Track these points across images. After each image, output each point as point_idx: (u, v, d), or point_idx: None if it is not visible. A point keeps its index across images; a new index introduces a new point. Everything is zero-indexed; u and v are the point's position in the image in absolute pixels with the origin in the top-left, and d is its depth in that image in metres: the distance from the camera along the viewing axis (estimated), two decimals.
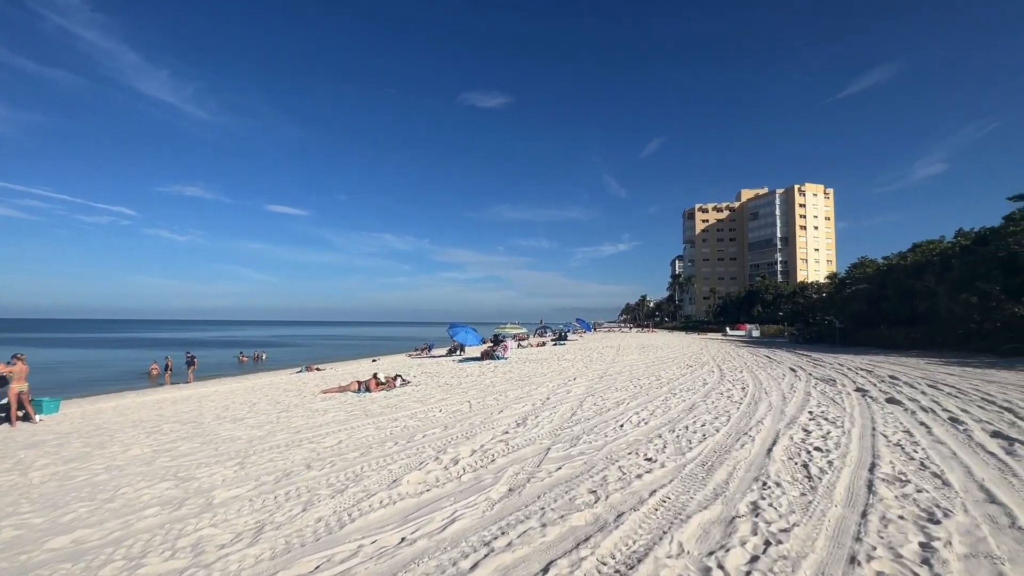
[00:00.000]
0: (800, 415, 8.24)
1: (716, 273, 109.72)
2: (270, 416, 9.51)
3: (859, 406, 9.21)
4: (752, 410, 8.73)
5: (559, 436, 6.68)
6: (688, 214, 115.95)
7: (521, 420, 7.92)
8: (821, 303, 52.02)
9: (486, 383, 13.62)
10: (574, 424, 7.53)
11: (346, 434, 7.29)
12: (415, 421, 8.18)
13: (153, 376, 26.42)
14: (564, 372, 16.19)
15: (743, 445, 6.17)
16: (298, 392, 13.67)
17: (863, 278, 41.36)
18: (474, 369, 18.87)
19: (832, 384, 12.37)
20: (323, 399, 11.76)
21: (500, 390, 12.00)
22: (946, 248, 31.08)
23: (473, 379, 15.18)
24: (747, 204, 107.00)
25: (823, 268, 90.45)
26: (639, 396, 10.47)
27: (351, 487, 4.72)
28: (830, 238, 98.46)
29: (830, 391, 11.13)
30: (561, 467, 5.19)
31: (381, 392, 12.35)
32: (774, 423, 7.60)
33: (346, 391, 12.62)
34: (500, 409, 9.07)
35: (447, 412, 8.96)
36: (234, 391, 15.23)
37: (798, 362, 19.37)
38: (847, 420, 7.85)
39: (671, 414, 8.37)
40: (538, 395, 10.85)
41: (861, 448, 6.14)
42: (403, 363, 25.82)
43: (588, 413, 8.48)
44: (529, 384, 13.03)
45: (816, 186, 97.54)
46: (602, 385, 12.54)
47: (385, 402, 10.66)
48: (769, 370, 16.07)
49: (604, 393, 11.01)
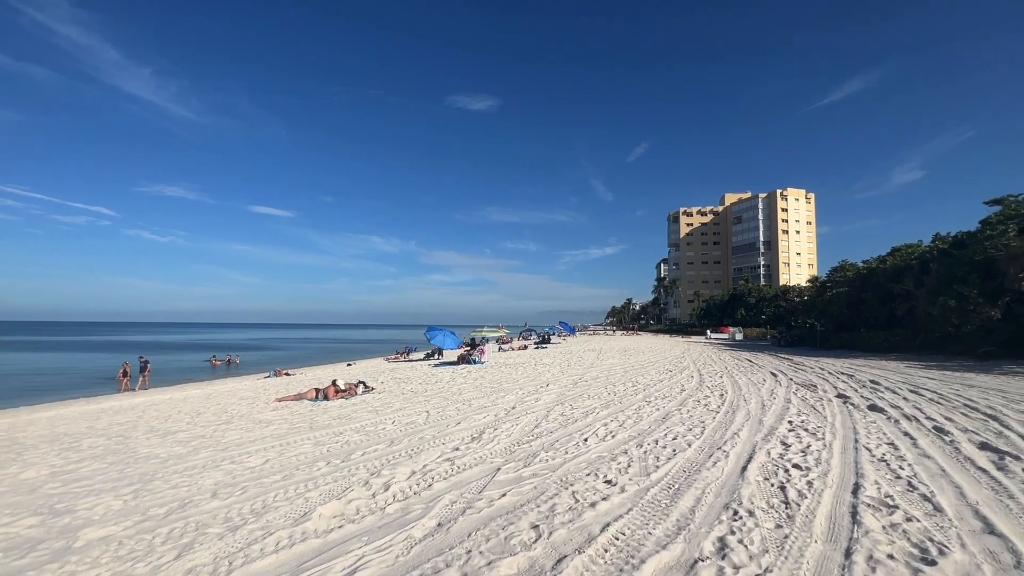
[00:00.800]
0: (779, 425, 7.69)
1: (700, 276, 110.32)
2: (207, 429, 8.68)
3: (841, 414, 8.72)
4: (729, 420, 8.17)
5: (514, 453, 6.00)
6: (673, 217, 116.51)
7: (478, 434, 7.23)
8: (803, 306, 52.29)
9: (453, 390, 12.91)
10: (534, 438, 6.86)
11: (277, 452, 6.52)
12: (360, 435, 7.43)
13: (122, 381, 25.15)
14: (538, 378, 15.54)
15: (715, 463, 5.56)
16: (253, 400, 12.80)
17: (843, 282, 41.53)
18: (446, 374, 18.14)
19: (813, 390, 11.91)
20: (275, 408, 10.93)
21: (466, 398, 11.29)
22: (924, 252, 31.19)
23: (442, 385, 14.45)
24: (731, 208, 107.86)
25: (805, 272, 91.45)
26: (611, 404, 9.85)
27: (250, 523, 3.97)
28: (811, 242, 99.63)
29: (811, 397, 10.66)
30: (506, 493, 4.50)
31: (340, 400, 11.56)
32: (751, 435, 7.03)
33: (302, 399, 11.80)
34: (458, 421, 8.36)
35: (399, 424, 8.22)
36: (188, 399, 14.28)
37: (779, 366, 19.00)
38: (828, 431, 7.32)
39: (642, 425, 7.76)
40: (504, 404, 10.16)
41: (843, 465, 5.58)
42: (379, 368, 25.00)
43: (553, 425, 7.82)
44: (498, 391, 12.35)
45: (798, 191, 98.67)
46: (575, 392, 11.91)
47: (338, 412, 9.88)
48: (750, 375, 15.63)
49: (575, 401, 10.37)
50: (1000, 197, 26.72)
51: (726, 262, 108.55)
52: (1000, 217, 25.26)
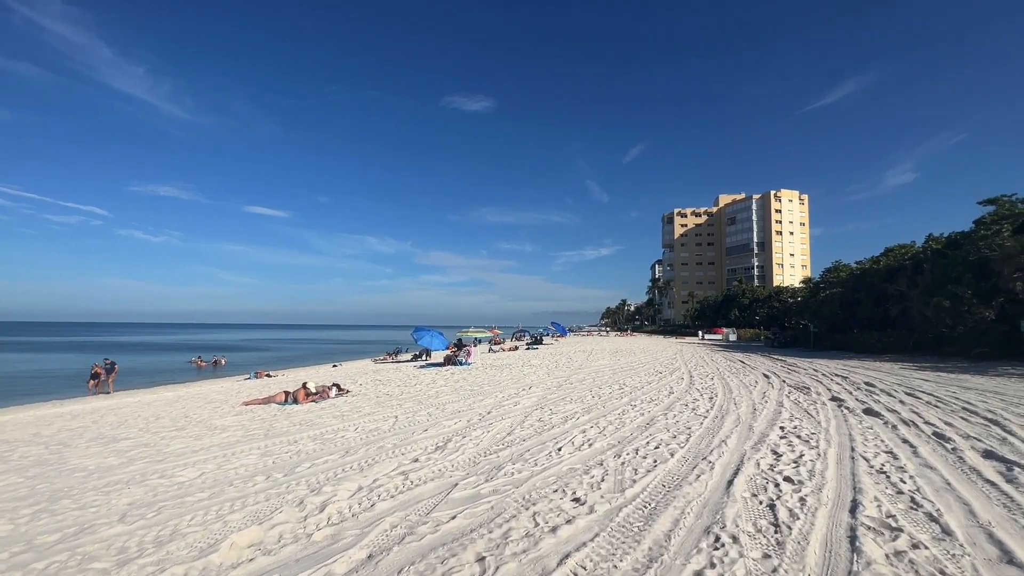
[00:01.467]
0: (770, 432, 7.17)
1: (695, 277, 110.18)
2: (155, 436, 8.03)
3: (835, 419, 8.21)
4: (717, 425, 7.64)
5: (478, 465, 5.42)
6: (667, 218, 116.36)
7: (444, 442, 6.65)
8: (796, 307, 52.01)
9: (431, 393, 12.32)
10: (504, 447, 6.28)
11: (217, 463, 5.91)
12: (316, 444, 6.83)
13: None
14: (523, 379, 14.98)
15: (699, 475, 5.02)
16: (221, 403, 12.16)
17: (837, 282, 41.25)
18: (428, 376, 17.56)
19: (806, 392, 11.43)
20: (238, 413, 10.30)
21: (442, 401, 10.71)
22: (918, 252, 30.88)
23: (420, 388, 13.87)
24: (725, 209, 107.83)
25: (799, 273, 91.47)
26: (594, 409, 9.29)
27: (146, 555, 3.38)
28: (805, 243, 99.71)
29: (804, 401, 10.16)
30: (458, 515, 3.93)
31: (309, 404, 10.95)
32: (740, 443, 6.50)
33: (271, 403, 11.18)
34: (427, 427, 7.78)
35: (362, 431, 7.63)
36: (155, 402, 13.61)
37: (772, 367, 18.54)
38: (823, 438, 6.80)
39: (623, 432, 7.21)
40: (480, 408, 9.58)
41: (839, 478, 5.05)
42: (363, 369, 24.39)
43: (527, 432, 7.25)
44: (477, 394, 11.78)
45: (791, 192, 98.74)
46: (558, 395, 11.35)
47: (302, 417, 9.27)
48: (741, 376, 15.14)
49: (556, 405, 9.81)
50: (994, 197, 26.43)
51: (720, 263, 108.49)
52: (994, 217, 24.97)
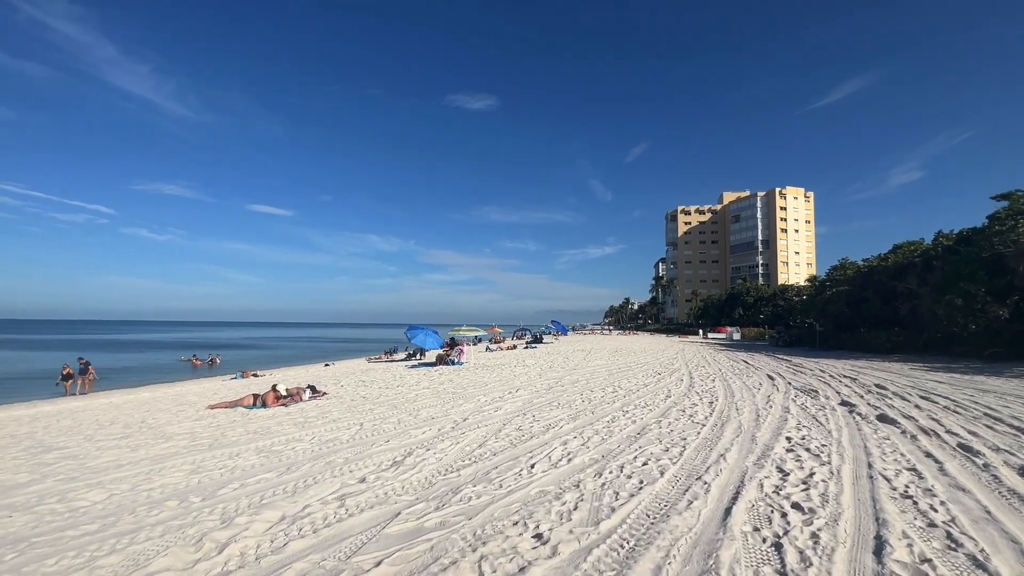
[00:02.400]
0: (775, 443, 6.39)
1: (698, 275, 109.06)
2: (92, 446, 7.26)
3: (847, 428, 7.43)
4: (716, 435, 6.87)
5: (432, 488, 4.66)
6: (671, 216, 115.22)
7: (403, 456, 5.90)
8: (801, 306, 51.05)
9: (411, 396, 11.57)
10: (469, 463, 5.53)
11: (135, 483, 5.16)
12: (259, 458, 6.09)
13: None
14: (512, 381, 14.22)
15: (691, 501, 4.25)
16: (191, 405, 11.46)
17: (843, 280, 40.31)
18: (415, 377, 16.85)
19: (814, 396, 10.63)
20: (198, 417, 9.57)
21: (418, 406, 9.97)
22: (928, 249, 29.92)
23: (401, 390, 13.15)
24: (729, 207, 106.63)
25: (804, 271, 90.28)
26: (582, 415, 8.52)
27: None
28: (810, 241, 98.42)
29: (812, 406, 9.37)
30: (383, 560, 3.16)
31: (278, 407, 10.24)
32: (741, 458, 5.73)
33: (237, 406, 10.47)
34: (391, 437, 7.03)
35: (318, 441, 6.89)
36: (124, 404, 12.94)
37: (777, 368, 17.73)
38: (834, 451, 6.02)
39: (610, 444, 6.44)
40: (458, 414, 8.83)
41: (858, 504, 4.28)
42: (354, 368, 23.72)
43: (501, 443, 6.48)
44: (459, 398, 11.04)
45: (796, 189, 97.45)
46: (545, 399, 10.58)
47: (261, 424, 8.52)
48: (745, 378, 14.34)
49: (541, 411, 9.04)
50: (1008, 192, 25.44)
51: (724, 261, 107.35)
52: (1009, 212, 23.98)
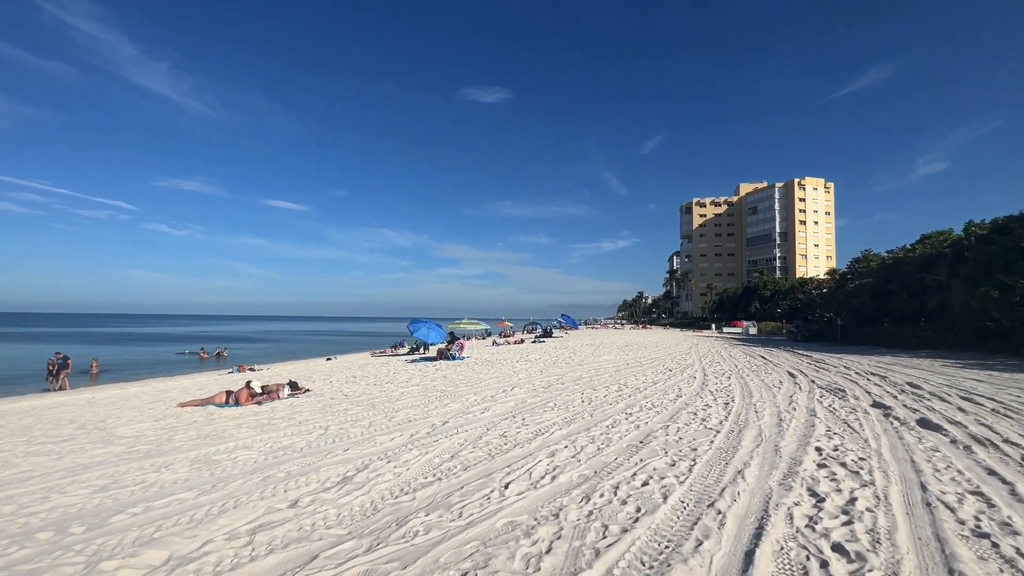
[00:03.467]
0: (804, 456, 5.42)
1: (714, 269, 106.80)
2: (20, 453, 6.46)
3: (885, 436, 6.41)
4: (732, 445, 5.91)
5: (374, 516, 3.76)
6: (686, 208, 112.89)
7: (357, 470, 5.02)
8: (821, 299, 49.33)
9: (395, 395, 10.73)
10: (430, 481, 4.64)
11: (23, 504, 4.25)
12: (189, 471, 5.22)
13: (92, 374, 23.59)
14: (510, 378, 13.33)
15: (701, 541, 3.33)
16: (163, 403, 10.77)
17: (866, 272, 38.67)
18: (408, 373, 16.08)
19: (842, 396, 9.57)
20: (159, 417, 8.83)
21: (401, 405, 9.14)
22: (959, 239, 28.25)
23: (389, 387, 12.36)
24: (746, 198, 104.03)
25: (823, 264, 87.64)
26: (578, 418, 7.60)
27: None
28: (830, 233, 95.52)
29: (841, 408, 8.34)
30: None
31: (251, 406, 9.50)
32: (762, 475, 4.78)
33: (208, 404, 9.76)
34: (351, 445, 6.15)
35: (267, 450, 6.03)
36: (101, 400, 12.32)
37: (797, 364, 16.59)
38: (876, 466, 5.04)
39: (606, 455, 5.52)
40: (439, 416, 7.97)
41: (920, 546, 3.31)
42: (356, 363, 23.12)
43: (478, 454, 5.58)
44: (447, 396, 10.20)
45: (816, 180, 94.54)
46: (540, 399, 9.67)
47: (218, 426, 7.69)
48: (763, 375, 13.28)
49: (533, 413, 8.14)
50: None
51: (740, 254, 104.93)
52: None
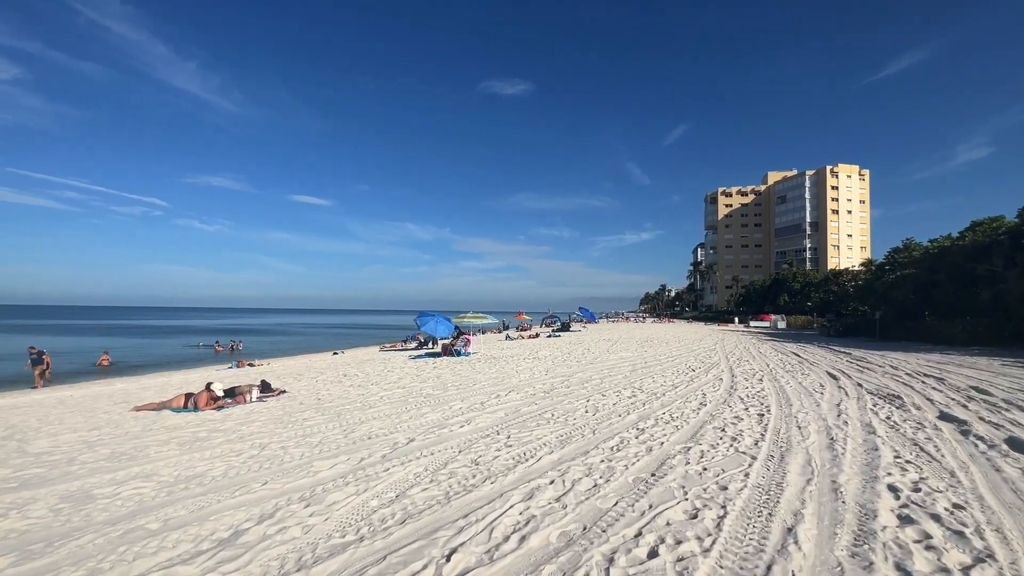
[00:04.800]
0: (875, 502, 3.98)
1: (740, 261, 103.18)
2: None
3: (975, 465, 4.90)
4: (774, 481, 4.50)
5: None
6: (711, 198, 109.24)
7: (260, 519, 3.74)
8: (857, 292, 46.54)
9: (375, 399, 9.44)
10: (348, 543, 3.32)
11: None
12: (44, 512, 4.04)
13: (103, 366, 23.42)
14: (510, 378, 12.00)
15: None
16: (125, 404, 9.86)
17: (908, 263, 36.01)
18: (403, 371, 14.95)
19: (899, 405, 7.99)
20: (96, 427, 7.83)
21: (373, 415, 7.86)
22: (1016, 226, 25.66)
23: (376, 388, 11.22)
24: (774, 187, 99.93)
25: (857, 255, 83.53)
26: (576, 436, 6.24)
27: None
28: (864, 223, 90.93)
29: (903, 422, 6.78)
30: None
31: (209, 412, 8.44)
32: (823, 539, 3.37)
33: (165, 408, 8.75)
34: (275, 475, 4.83)
35: (168, 481, 4.70)
36: (68, 400, 11.56)
37: (836, 363, 14.84)
38: (983, 521, 3.57)
39: (601, 498, 4.15)
40: (408, 430, 6.68)
41: None
42: (361, 357, 22.24)
43: (430, 495, 4.21)
44: (432, 402, 8.95)
45: (850, 167, 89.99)
46: (538, 406, 8.33)
47: (143, 440, 6.41)
48: (800, 376, 11.68)
49: (522, 427, 6.80)
50: None
51: (768, 245, 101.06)
52: None
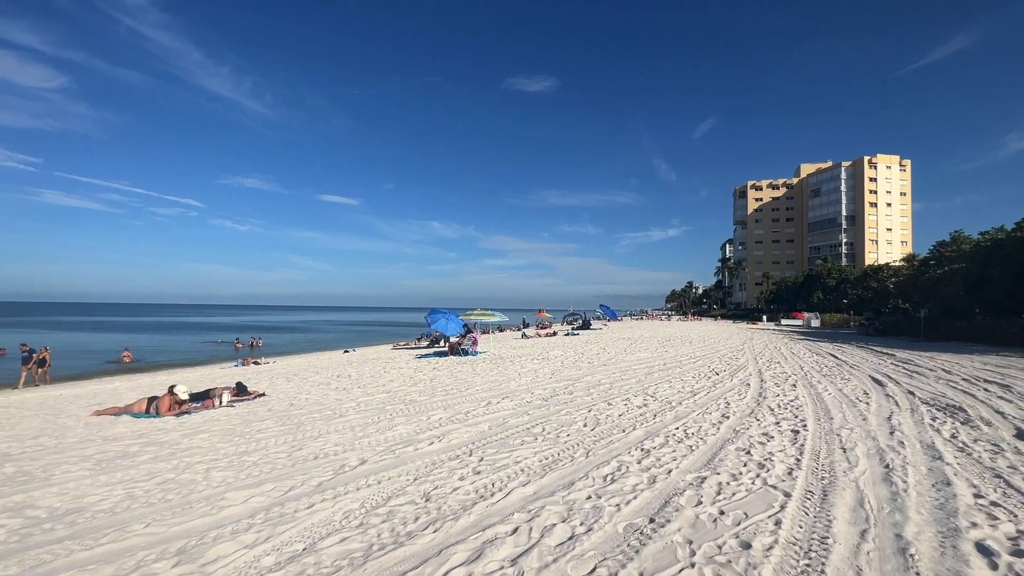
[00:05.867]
0: (965, 571, 2.83)
1: (770, 256, 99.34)
2: None
3: None
4: (815, 534, 3.39)
5: None
6: (740, 192, 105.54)
7: None
8: (898, 288, 43.73)
9: (349, 406, 8.51)
10: None
11: None
12: None
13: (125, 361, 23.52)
14: (508, 383, 10.92)
15: None
16: (96, 407, 9.28)
17: (957, 257, 33.44)
18: (397, 372, 14.14)
19: (964, 420, 6.66)
20: (39, 434, 7.17)
21: (336, 427, 6.90)
22: None
23: (356, 391, 10.40)
24: (807, 180, 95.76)
25: (897, 251, 79.21)
26: (563, 461, 5.17)
27: None
28: (906, 216, 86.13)
29: (974, 442, 5.50)
30: None
31: (170, 417, 7.72)
32: None
33: (126, 413, 8.08)
34: (166, 514, 3.94)
35: (27, 523, 3.87)
36: (48, 400, 11.15)
37: (880, 366, 13.32)
38: None
39: (575, 563, 3.09)
40: (364, 449, 5.70)
41: None
42: (369, 356, 21.69)
43: (346, 550, 3.21)
44: (410, 411, 8.02)
45: (890, 157, 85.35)
46: (529, 418, 7.28)
47: (62, 456, 5.74)
48: (839, 381, 10.32)
49: (503, 445, 5.78)
50: None
51: (800, 240, 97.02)
52: None
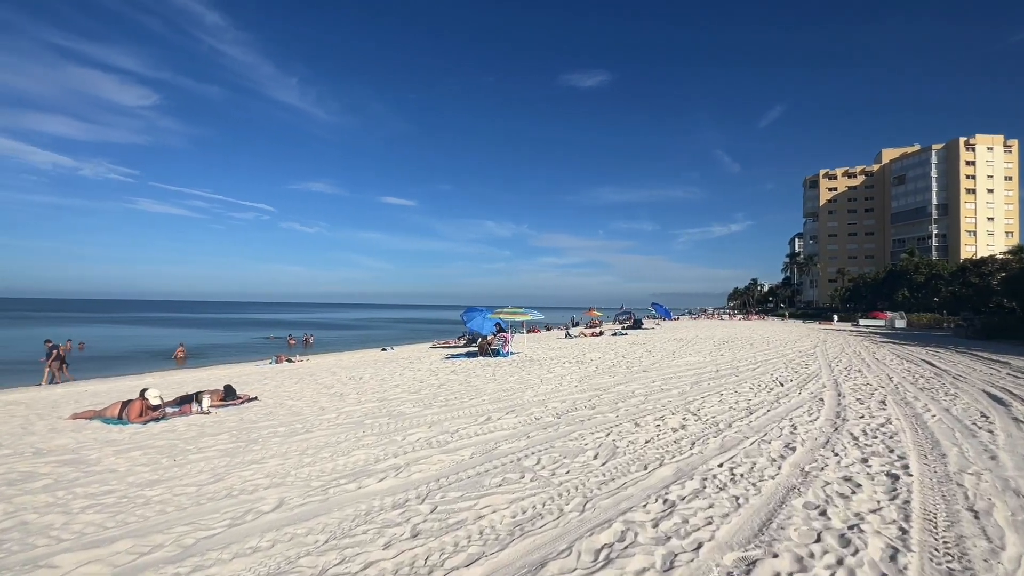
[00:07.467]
0: None
1: (846, 251, 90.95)
2: None
3: None
4: None
5: None
6: (811, 182, 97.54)
7: None
8: (1005, 285, 37.94)
9: (327, 418, 7.61)
10: None
11: None
12: None
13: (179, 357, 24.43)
14: (524, 392, 9.45)
15: None
16: (73, 407, 8.89)
17: None
18: (415, 374, 13.15)
19: None
20: (12, 432, 6.69)
21: (284, 448, 5.86)
22: None
23: (352, 398, 9.44)
24: (890, 166, 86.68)
25: (999, 242, 69.89)
26: (543, 519, 3.80)
27: None
28: (1012, 203, 75.67)
29: None
30: None
31: (137, 424, 7.02)
32: None
33: (99, 417, 7.50)
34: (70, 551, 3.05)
35: None
36: (58, 400, 11.01)
37: (994, 377, 10.74)
38: None
39: None
40: (288, 488, 4.61)
41: None
42: (406, 355, 21.12)
43: None
44: (393, 426, 6.87)
45: (993, 137, 75.30)
46: (529, 441, 5.89)
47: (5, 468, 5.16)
48: (943, 398, 8.15)
49: (469, 490, 4.46)
50: None
51: (882, 232, 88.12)
52: None
